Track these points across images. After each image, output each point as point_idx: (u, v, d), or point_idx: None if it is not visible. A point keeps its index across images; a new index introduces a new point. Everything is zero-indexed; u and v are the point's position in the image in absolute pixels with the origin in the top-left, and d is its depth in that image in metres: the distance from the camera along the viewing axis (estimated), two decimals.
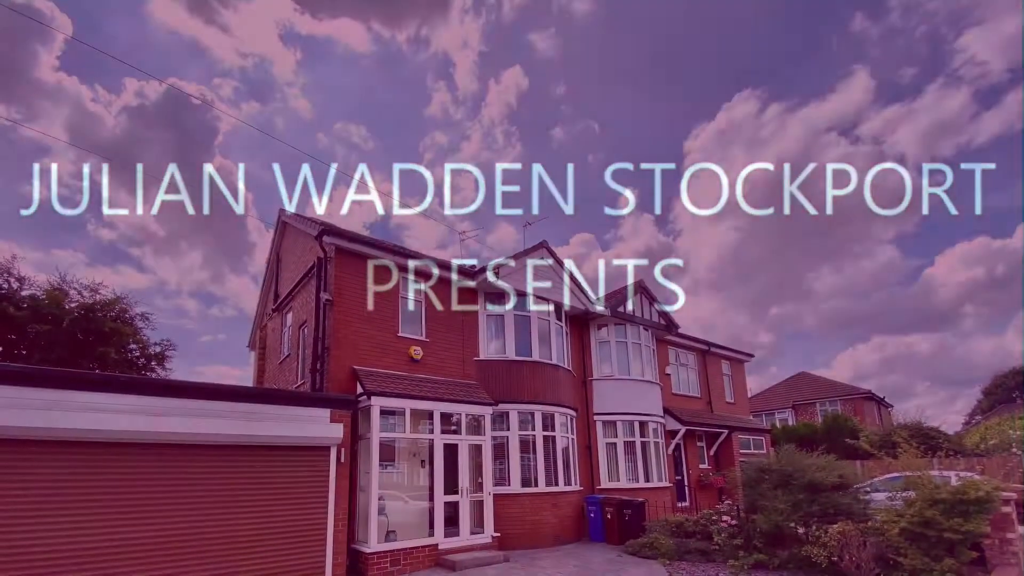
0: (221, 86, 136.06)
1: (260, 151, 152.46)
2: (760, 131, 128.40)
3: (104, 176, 64.65)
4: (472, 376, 15.83)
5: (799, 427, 37.47)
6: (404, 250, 15.40)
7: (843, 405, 45.44)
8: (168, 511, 8.96)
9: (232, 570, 9.39)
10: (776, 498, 12.25)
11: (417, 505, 13.26)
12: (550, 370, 17.05)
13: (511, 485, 15.31)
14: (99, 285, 20.40)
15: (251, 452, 10.11)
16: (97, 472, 8.45)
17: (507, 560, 13.08)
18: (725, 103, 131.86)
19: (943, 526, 9.56)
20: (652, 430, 20.05)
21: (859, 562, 10.48)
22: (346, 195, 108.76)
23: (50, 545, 7.84)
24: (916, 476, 10.70)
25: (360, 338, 13.74)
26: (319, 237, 13.80)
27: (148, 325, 21.88)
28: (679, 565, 12.53)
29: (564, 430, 17.15)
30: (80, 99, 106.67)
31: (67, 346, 18.29)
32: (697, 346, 26.41)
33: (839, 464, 12.99)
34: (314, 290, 14.32)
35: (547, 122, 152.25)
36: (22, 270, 19.21)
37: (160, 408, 9.15)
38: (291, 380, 16.46)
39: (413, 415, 13.23)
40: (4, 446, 7.79)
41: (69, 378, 8.61)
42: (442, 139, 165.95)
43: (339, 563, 10.77)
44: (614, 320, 20.34)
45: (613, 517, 15.87)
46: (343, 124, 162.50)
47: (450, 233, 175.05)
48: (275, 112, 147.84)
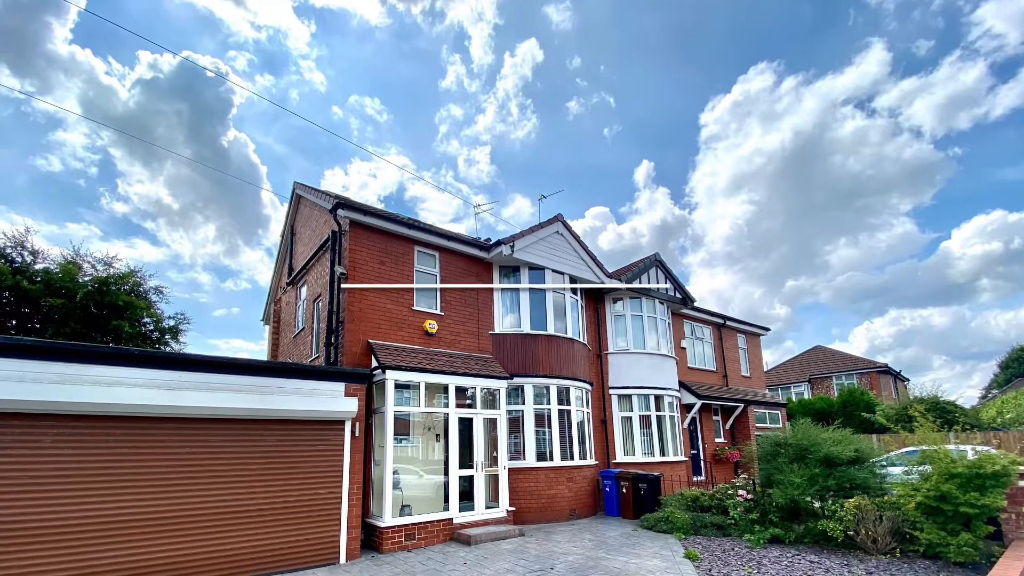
0: (235, 59, 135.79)
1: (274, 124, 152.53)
2: (776, 104, 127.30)
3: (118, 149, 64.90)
4: (487, 350, 15.73)
5: (815, 401, 37.25)
6: (419, 223, 15.23)
7: (859, 379, 45.20)
8: (182, 485, 8.97)
9: (246, 544, 9.41)
10: (792, 472, 12.14)
11: (432, 479, 13.22)
12: (565, 344, 16.91)
13: (526, 459, 15.26)
14: (113, 258, 20.40)
15: (265, 426, 10.09)
16: (111, 445, 8.44)
17: (522, 535, 13.05)
18: (740, 76, 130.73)
19: (959, 500, 9.44)
20: (667, 404, 19.93)
21: (875, 536, 10.46)
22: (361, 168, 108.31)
23: (65, 518, 7.86)
24: (932, 450, 10.55)
25: (375, 312, 13.63)
26: (333, 210, 13.67)
27: (162, 299, 21.93)
28: (695, 539, 12.45)
29: (579, 404, 17.05)
30: (94, 72, 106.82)
31: (81, 320, 18.31)
32: (713, 320, 26.23)
33: (855, 438, 12.84)
34: (328, 263, 14.20)
35: (562, 95, 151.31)
36: (36, 243, 19.20)
37: (175, 382, 9.11)
38: (306, 354, 16.44)
39: (428, 389, 13.13)
40: (19, 419, 7.79)
41: (83, 352, 8.53)
42: (457, 112, 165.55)
43: (354, 537, 10.77)
44: (629, 294, 20.16)
45: (628, 491, 15.80)
46: (358, 97, 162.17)
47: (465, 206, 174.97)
48: (289, 85, 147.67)
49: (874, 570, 9.40)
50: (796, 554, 10.78)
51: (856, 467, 12.01)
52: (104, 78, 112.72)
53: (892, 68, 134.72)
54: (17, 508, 7.55)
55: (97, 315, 18.65)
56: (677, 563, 10.06)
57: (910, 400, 33.89)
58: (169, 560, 8.59)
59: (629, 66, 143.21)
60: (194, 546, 8.87)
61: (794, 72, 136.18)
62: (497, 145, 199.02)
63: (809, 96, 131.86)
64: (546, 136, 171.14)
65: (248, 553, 9.39)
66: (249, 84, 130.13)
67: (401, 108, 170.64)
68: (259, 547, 9.53)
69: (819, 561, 10.14)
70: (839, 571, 9.39)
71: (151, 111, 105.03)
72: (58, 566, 7.67)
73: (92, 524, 8.05)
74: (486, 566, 9.97)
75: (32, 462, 7.78)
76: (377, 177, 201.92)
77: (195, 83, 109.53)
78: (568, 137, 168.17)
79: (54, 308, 17.70)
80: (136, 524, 8.41)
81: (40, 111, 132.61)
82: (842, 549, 10.99)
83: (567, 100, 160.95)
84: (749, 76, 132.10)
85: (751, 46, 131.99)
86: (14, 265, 18.05)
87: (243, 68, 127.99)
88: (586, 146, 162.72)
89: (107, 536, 8.14)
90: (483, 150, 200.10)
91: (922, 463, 10.79)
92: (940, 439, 11.16)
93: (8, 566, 7.32)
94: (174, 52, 67.03)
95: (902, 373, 50.61)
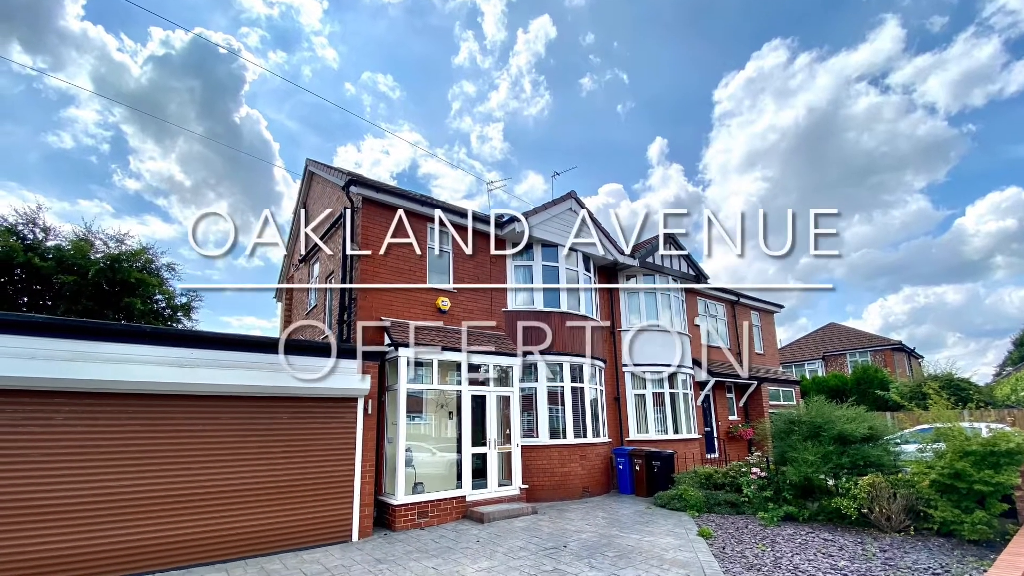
0: (248, 35, 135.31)
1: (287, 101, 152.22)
2: (790, 81, 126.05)
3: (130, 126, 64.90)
4: (500, 327, 15.63)
5: (829, 378, 37.09)
6: (432, 200, 15.09)
7: (873, 356, 45.04)
8: (195, 462, 8.96)
9: (258, 522, 9.41)
10: (806, 450, 12.13)
11: (444, 457, 13.19)
12: (578, 321, 16.78)
13: (539, 437, 15.22)
14: (125, 236, 20.46)
15: (277, 403, 10.06)
16: (123, 423, 8.42)
17: (535, 512, 13.03)
18: (754, 52, 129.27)
19: (973, 478, 9.42)
20: (681, 381, 19.83)
21: (889, 514, 10.48)
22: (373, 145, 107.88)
23: (76, 496, 7.86)
24: (946, 428, 10.52)
25: (387, 289, 13.55)
26: (346, 187, 13.58)
27: (174, 276, 21.95)
28: (708, 517, 12.41)
29: (593, 381, 16.96)
30: (106, 49, 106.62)
31: (93, 297, 18.36)
32: (726, 297, 25.99)
33: (869, 415, 12.78)
34: (341, 241, 14.11)
35: (576, 72, 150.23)
36: (48, 221, 19.26)
37: (187, 359, 9.06)
38: (318, 331, 16.40)
39: (441, 366, 13.07)
40: (30, 397, 7.76)
41: (95, 329, 8.47)
42: (470, 89, 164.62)
43: (366, 515, 10.77)
44: (643, 271, 19.97)
45: (642, 469, 15.76)
46: (371, 74, 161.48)
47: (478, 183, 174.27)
48: (302, 62, 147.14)
49: (888, 548, 9.38)
50: (810, 532, 10.77)
51: (870, 445, 11.99)
52: (116, 55, 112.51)
53: (906, 45, 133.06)
54: (29, 486, 7.54)
55: (109, 292, 18.69)
56: (691, 541, 10.01)
57: (924, 377, 33.71)
58: (181, 538, 8.59)
59: (642, 43, 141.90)
60: (206, 524, 8.87)
61: (808, 49, 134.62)
62: (510, 122, 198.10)
63: (823, 73, 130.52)
64: (559, 113, 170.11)
65: (260, 531, 9.39)
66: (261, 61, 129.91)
67: (414, 85, 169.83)
68: (271, 525, 9.53)
69: (833, 539, 10.13)
70: (853, 549, 9.37)
71: (163, 88, 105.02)
72: (70, 544, 7.68)
73: (104, 502, 8.04)
74: (499, 544, 9.95)
75: (44, 440, 7.77)
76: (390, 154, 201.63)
77: (207, 60, 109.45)
78: (581, 114, 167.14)
79: (66, 285, 17.74)
80: (148, 502, 8.40)
81: (52, 88, 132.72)
82: (856, 527, 11.00)
83: (580, 77, 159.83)
84: (763, 53, 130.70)
85: (765, 22, 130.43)
86: (26, 242, 18.07)
87: (255, 45, 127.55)
88: (599, 123, 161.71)
89: (119, 514, 8.13)
90: (496, 127, 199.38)
91: (936, 441, 10.78)
92: (954, 417, 11.13)
93: (20, 543, 7.32)
94: (186, 28, 66.77)
95: (916, 350, 50.41)
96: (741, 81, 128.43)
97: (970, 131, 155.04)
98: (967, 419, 15.85)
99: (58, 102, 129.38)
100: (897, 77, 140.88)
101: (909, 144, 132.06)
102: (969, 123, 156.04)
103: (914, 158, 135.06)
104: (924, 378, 33.11)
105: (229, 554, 8.99)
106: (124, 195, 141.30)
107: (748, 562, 8.66)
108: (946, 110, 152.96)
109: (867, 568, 8.19)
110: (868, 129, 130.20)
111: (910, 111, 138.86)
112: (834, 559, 8.74)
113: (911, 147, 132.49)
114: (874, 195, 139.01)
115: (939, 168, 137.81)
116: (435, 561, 8.85)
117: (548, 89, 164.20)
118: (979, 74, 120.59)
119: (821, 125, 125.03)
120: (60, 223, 50.92)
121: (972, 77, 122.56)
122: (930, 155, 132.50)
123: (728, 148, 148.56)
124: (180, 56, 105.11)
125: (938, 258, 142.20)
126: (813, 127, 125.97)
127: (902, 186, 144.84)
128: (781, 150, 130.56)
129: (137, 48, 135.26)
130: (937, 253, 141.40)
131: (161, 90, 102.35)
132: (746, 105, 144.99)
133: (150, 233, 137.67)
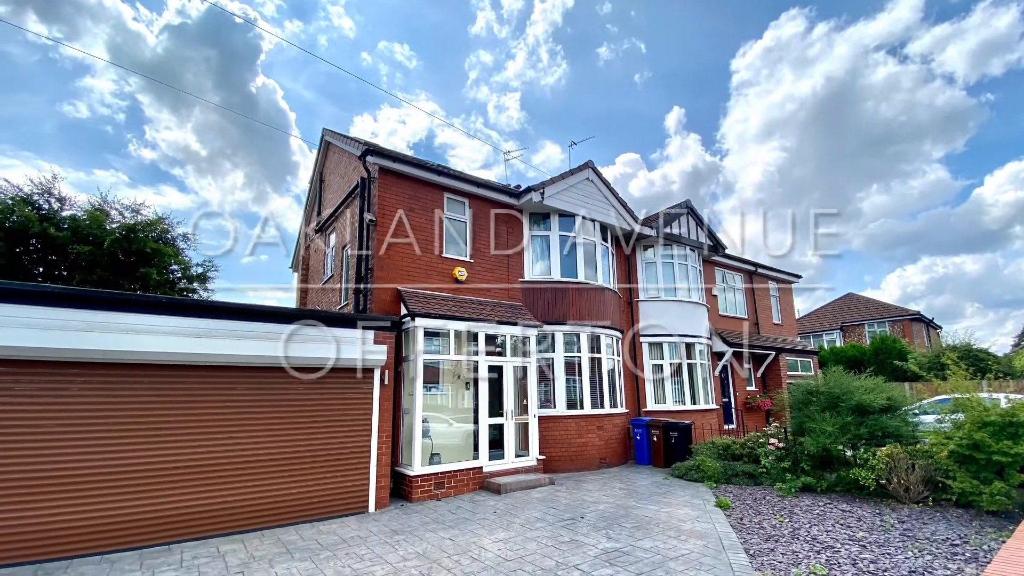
0: (264, 4, 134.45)
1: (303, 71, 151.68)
2: (807, 50, 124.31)
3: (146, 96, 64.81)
4: (517, 297, 15.53)
5: (847, 349, 36.95)
6: (448, 170, 14.91)
7: (891, 327, 44.76)
8: (210, 433, 8.96)
9: (274, 492, 9.42)
10: (824, 420, 12.08)
11: (461, 428, 13.19)
12: (596, 291, 16.64)
13: (556, 407, 15.17)
14: (141, 205, 20.50)
15: (294, 374, 10.02)
16: (138, 394, 8.40)
17: (552, 483, 13.03)
18: (772, 22, 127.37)
19: (992, 449, 9.35)
20: (699, 352, 19.70)
21: (907, 485, 10.46)
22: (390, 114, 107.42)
23: (91, 466, 7.88)
24: (965, 398, 10.48)
25: (404, 259, 13.46)
26: (363, 157, 13.42)
27: (190, 246, 21.98)
28: (726, 488, 12.38)
29: (610, 352, 16.87)
30: (121, 18, 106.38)
31: (108, 267, 18.42)
32: (744, 267, 25.74)
33: (887, 386, 12.69)
34: (357, 210, 13.99)
35: (593, 41, 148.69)
36: (63, 190, 19.25)
37: (203, 329, 9.01)
38: (334, 301, 16.40)
39: (457, 336, 12.97)
40: (45, 367, 7.75)
41: (110, 299, 8.42)
42: (487, 58, 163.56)
43: (383, 486, 10.76)
44: (660, 241, 19.75)
45: (659, 440, 15.72)
46: (387, 43, 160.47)
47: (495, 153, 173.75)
48: (318, 31, 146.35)
49: (906, 519, 9.35)
50: (828, 503, 10.74)
51: (888, 415, 11.94)
52: (132, 24, 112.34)
53: (924, 14, 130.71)
54: (44, 456, 7.55)
55: (124, 262, 18.75)
56: (708, 512, 9.98)
57: (942, 348, 33.53)
58: (197, 509, 8.61)
59: (660, 12, 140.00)
60: (222, 495, 8.87)
61: (826, 18, 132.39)
62: (527, 91, 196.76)
63: (841, 42, 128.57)
64: (576, 82, 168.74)
65: (276, 502, 9.39)
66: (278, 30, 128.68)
67: (430, 54, 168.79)
68: (287, 496, 9.53)
69: (851, 510, 10.10)
70: (871, 520, 9.33)
71: (179, 57, 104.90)
72: (83, 514, 7.70)
73: (118, 473, 8.05)
74: (516, 515, 9.94)
75: (59, 410, 7.76)
76: (406, 124, 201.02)
77: (223, 29, 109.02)
78: (598, 83, 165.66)
79: (81, 255, 17.79)
80: (163, 473, 8.41)
81: (68, 57, 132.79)
82: (874, 498, 11.00)
83: (597, 46, 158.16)
84: (780, 22, 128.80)
85: None
86: (41, 212, 18.11)
87: (272, 14, 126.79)
88: (617, 92, 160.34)
89: (133, 485, 8.14)
90: (513, 96, 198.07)
91: (955, 411, 10.78)
92: (973, 387, 11.06)
93: (31, 514, 7.35)
94: None
95: (934, 321, 50.10)
96: (759, 50, 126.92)
97: (988, 100, 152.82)
98: (986, 390, 15.72)
99: (74, 72, 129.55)
100: (915, 47, 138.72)
101: (927, 114, 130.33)
102: (987, 92, 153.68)
103: (932, 128, 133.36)
104: (942, 348, 32.94)
105: (245, 525, 9.01)
106: (140, 165, 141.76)
107: (766, 533, 8.62)
108: (964, 79, 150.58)
109: (885, 539, 8.14)
110: (886, 99, 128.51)
111: (928, 81, 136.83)
112: (852, 530, 8.69)
113: (929, 117, 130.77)
114: (892, 165, 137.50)
115: (957, 138, 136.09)
116: (452, 532, 8.85)
117: (565, 59, 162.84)
118: (998, 43, 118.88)
119: (839, 95, 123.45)
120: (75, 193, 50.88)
121: (991, 46, 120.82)
122: (948, 125, 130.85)
123: (746, 118, 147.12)
124: (196, 25, 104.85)
125: (956, 228, 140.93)
126: (831, 97, 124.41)
127: (920, 156, 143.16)
128: (799, 120, 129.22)
129: (153, 17, 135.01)
130: (955, 223, 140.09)
131: (177, 59, 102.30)
132: (764, 75, 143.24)
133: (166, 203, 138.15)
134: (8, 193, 17.95)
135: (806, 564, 7.06)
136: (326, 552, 7.88)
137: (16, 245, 17.49)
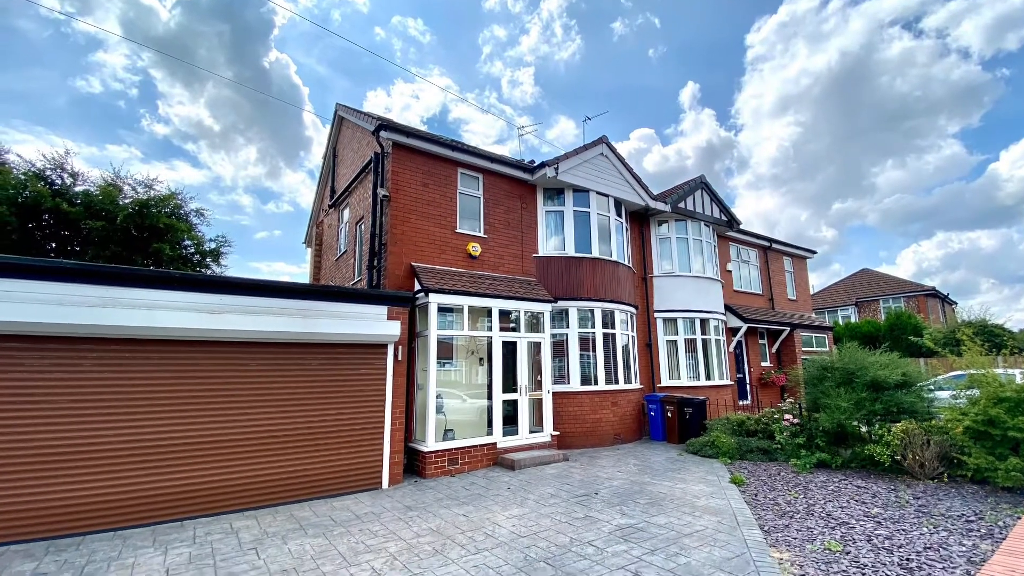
0: None
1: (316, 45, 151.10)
2: (822, 25, 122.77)
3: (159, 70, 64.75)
4: (531, 273, 15.45)
5: (862, 324, 36.76)
6: (462, 145, 14.78)
7: (906, 302, 44.48)
8: (224, 409, 8.98)
9: (288, 468, 9.45)
10: (839, 396, 11.99)
11: (475, 404, 13.19)
12: (610, 267, 16.53)
13: (570, 383, 15.12)
14: (154, 181, 20.52)
15: (308, 349, 10.01)
16: (151, 369, 8.41)
17: (566, 459, 13.03)
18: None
19: (1008, 424, 9.29)
20: (713, 327, 19.59)
21: (922, 461, 10.43)
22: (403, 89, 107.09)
23: (105, 441, 7.91)
24: (980, 374, 10.39)
25: (417, 234, 13.37)
26: (376, 132, 13.32)
27: (203, 221, 22.13)
28: (740, 464, 12.35)
29: (624, 327, 16.79)
30: None
31: (121, 242, 18.45)
32: (759, 242, 25.49)
33: (902, 362, 12.58)
34: (371, 186, 13.90)
35: (607, 16, 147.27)
36: (76, 165, 19.27)
37: (216, 305, 9.01)
38: (348, 277, 16.38)
39: (471, 312, 12.95)
40: (58, 343, 7.77)
41: (123, 275, 8.39)
42: (501, 33, 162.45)
43: (396, 462, 10.78)
44: (675, 216, 19.57)
45: (674, 415, 15.69)
46: (400, 18, 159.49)
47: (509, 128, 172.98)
48: (332, 5, 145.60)
49: (921, 495, 9.31)
50: (843, 479, 10.71)
51: (903, 391, 11.85)
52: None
53: None
54: (57, 432, 7.59)
55: (137, 237, 18.79)
56: (723, 488, 9.96)
57: (958, 324, 33.34)
58: (209, 485, 8.64)
59: None
60: (235, 471, 8.91)
61: None
62: (541, 66, 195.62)
63: (856, 17, 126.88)
64: (591, 57, 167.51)
65: (289, 478, 9.43)
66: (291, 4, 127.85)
67: (444, 29, 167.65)
68: (300, 472, 9.56)
69: (866, 486, 10.06)
70: (886, 496, 9.29)
71: (192, 32, 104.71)
72: (95, 490, 7.73)
73: (130, 448, 8.07)
74: (530, 491, 9.95)
75: (72, 386, 7.77)
76: (420, 99, 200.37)
77: (236, 3, 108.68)
78: (613, 58, 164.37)
79: (94, 231, 17.83)
80: (176, 448, 8.44)
81: (80, 32, 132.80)
82: (889, 474, 10.98)
83: (612, 21, 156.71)
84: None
85: None
86: (54, 187, 18.14)
87: None
88: (631, 67, 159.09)
89: (146, 460, 8.17)
90: (527, 71, 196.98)
91: (970, 387, 10.75)
92: (988, 363, 11.03)
93: (43, 488, 7.40)
94: None
95: (949, 296, 49.74)
96: (773, 25, 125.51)
97: (1004, 75, 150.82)
98: (1001, 365, 15.61)
99: (86, 46, 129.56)
100: (930, 21, 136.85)
101: (943, 88, 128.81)
102: (1003, 67, 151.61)
103: (947, 102, 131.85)
104: (958, 324, 32.75)
105: (258, 501, 9.05)
106: (153, 140, 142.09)
107: (781, 509, 8.59)
108: (980, 54, 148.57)
109: (900, 515, 8.09)
110: (901, 74, 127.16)
111: (943, 55, 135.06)
112: (867, 506, 8.65)
113: (945, 91, 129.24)
114: (907, 140, 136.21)
115: (973, 112, 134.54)
116: (466, 508, 8.87)
117: (579, 33, 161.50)
118: (1013, 18, 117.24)
119: (854, 70, 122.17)
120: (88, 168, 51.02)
121: (1006, 21, 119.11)
122: (964, 99, 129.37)
123: (760, 93, 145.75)
124: (209, 0, 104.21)
125: (972, 203, 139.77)
126: (846, 72, 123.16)
127: (935, 131, 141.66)
128: (814, 95, 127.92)
129: None
130: (971, 198, 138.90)
131: (190, 34, 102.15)
132: (778, 49, 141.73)
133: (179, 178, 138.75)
134: (21, 168, 18.00)
135: (821, 540, 7.03)
136: (339, 528, 7.91)
137: (29, 220, 17.53)
